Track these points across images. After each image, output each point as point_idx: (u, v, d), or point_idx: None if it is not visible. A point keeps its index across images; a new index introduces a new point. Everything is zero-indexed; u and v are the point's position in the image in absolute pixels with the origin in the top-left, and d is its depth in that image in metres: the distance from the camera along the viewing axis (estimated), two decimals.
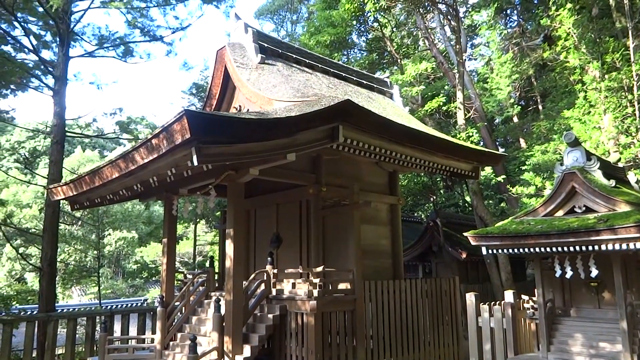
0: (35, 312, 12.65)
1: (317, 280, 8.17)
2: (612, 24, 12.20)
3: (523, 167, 14.82)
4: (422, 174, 17.81)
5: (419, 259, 17.81)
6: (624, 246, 5.81)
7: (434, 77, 22.80)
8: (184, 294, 10.05)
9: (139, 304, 19.32)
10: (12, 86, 14.42)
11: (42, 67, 14.44)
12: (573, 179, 6.85)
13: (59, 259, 19.40)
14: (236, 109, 10.37)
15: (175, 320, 9.77)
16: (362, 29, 23.77)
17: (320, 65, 11.70)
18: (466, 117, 16.59)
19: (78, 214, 20.74)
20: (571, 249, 6.29)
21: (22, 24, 14.02)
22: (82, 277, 23.26)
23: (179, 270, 20.76)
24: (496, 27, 18.41)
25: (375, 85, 13.15)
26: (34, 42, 14.44)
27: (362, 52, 25.52)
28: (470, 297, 8.52)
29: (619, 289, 6.48)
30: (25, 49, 14.41)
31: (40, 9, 13.80)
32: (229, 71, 10.24)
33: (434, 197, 19.80)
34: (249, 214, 11.44)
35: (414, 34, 23.99)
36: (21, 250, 21.88)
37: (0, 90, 14.17)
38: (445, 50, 20.67)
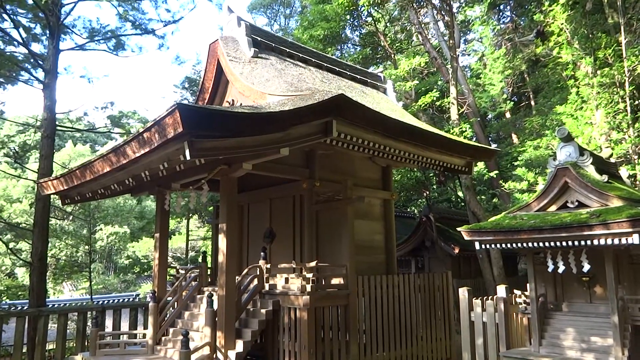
0: (25, 308, 12.53)
1: (310, 275, 8.15)
2: (605, 19, 12.25)
3: (515, 163, 14.88)
4: (416, 169, 17.81)
5: (412, 254, 17.88)
6: (617, 241, 5.84)
7: (428, 72, 22.80)
8: (176, 289, 10.01)
9: (131, 299, 19.23)
10: (1, 79, 14.22)
11: (32, 60, 14.24)
12: (566, 174, 6.88)
13: (49, 254, 19.25)
14: (229, 103, 10.29)
15: (168, 316, 9.73)
16: (356, 23, 23.71)
17: (313, 60, 11.65)
18: (459, 112, 16.61)
19: (69, 209, 20.59)
20: (564, 243, 6.32)
21: (11, 16, 13.80)
22: (74, 272, 23.12)
23: (172, 265, 20.69)
24: (489, 23, 18.42)
25: (368, 80, 13.12)
26: (24, 34, 14.24)
27: (355, 46, 25.47)
28: (462, 292, 8.54)
29: (610, 284, 6.52)
30: (15, 42, 14.19)
31: (30, 1, 13.60)
32: (222, 65, 10.16)
33: (427, 193, 19.82)
34: (242, 208, 11.38)
35: (408, 29, 23.95)
36: (11, 245, 21.69)
37: None
38: (439, 46, 20.66)
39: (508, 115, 20.92)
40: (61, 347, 11.31)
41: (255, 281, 8.95)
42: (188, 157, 6.12)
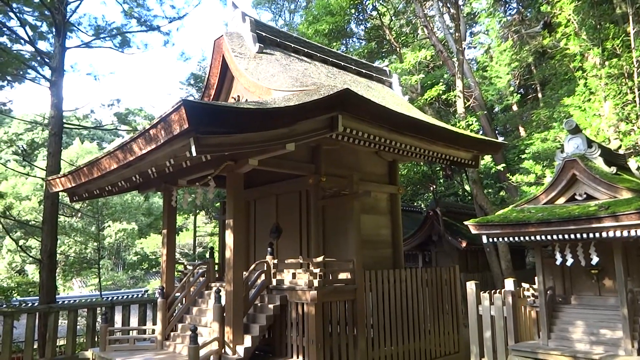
0: (35, 304, 12.65)
1: (317, 270, 8.15)
2: (613, 10, 12.12)
3: (523, 156, 14.79)
4: (422, 163, 17.76)
5: (419, 249, 17.85)
6: (626, 233, 5.79)
7: (433, 65, 22.68)
8: (184, 285, 10.05)
9: (140, 295, 19.37)
10: (8, 77, 14.32)
11: (39, 58, 14.32)
12: (574, 167, 6.82)
13: (59, 251, 19.43)
14: (235, 99, 10.29)
15: (176, 311, 9.78)
16: (361, 17, 23.64)
17: (318, 55, 11.61)
18: (466, 105, 16.53)
19: (77, 206, 20.73)
20: (572, 236, 6.28)
21: (18, 14, 13.88)
22: (83, 268, 23.32)
23: (179, 261, 20.81)
24: (495, 15, 18.30)
25: (374, 74, 13.07)
26: (30, 33, 14.31)
27: (360, 41, 25.39)
28: (470, 286, 8.52)
29: (619, 276, 6.47)
30: (22, 40, 14.29)
31: None
32: (227, 61, 10.15)
33: (434, 187, 19.77)
34: (249, 204, 11.40)
35: (413, 22, 23.83)
36: (21, 242, 21.90)
37: None
38: (445, 39, 20.53)
39: (515, 108, 20.79)
40: (71, 342, 11.42)
41: (263, 277, 8.97)
42: (194, 154, 6.13)
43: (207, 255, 11.04)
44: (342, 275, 8.98)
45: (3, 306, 11.85)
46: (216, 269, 10.78)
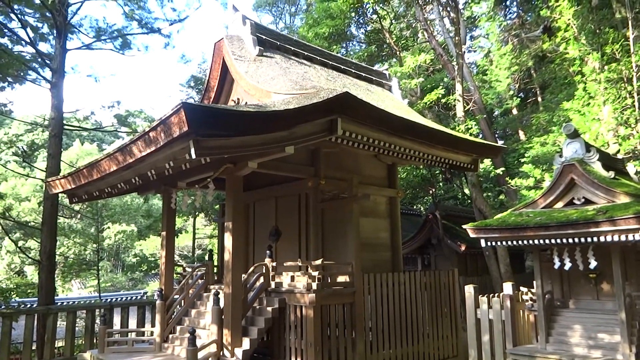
0: (34, 305, 12.64)
1: (316, 273, 8.16)
2: (612, 14, 12.14)
3: (522, 159, 14.79)
4: (421, 167, 17.77)
5: (418, 252, 17.86)
6: (623, 237, 5.80)
7: (433, 69, 22.73)
8: (183, 287, 10.06)
9: (139, 297, 19.35)
10: (9, 79, 14.33)
11: (40, 59, 14.35)
12: (572, 171, 6.84)
13: (58, 252, 19.42)
14: (234, 102, 10.32)
15: (175, 313, 9.78)
16: (361, 21, 23.69)
17: (318, 58, 11.64)
18: (465, 109, 16.54)
19: (77, 207, 20.73)
20: (570, 240, 6.29)
21: (19, 15, 13.91)
22: (82, 270, 23.30)
23: (178, 263, 20.79)
24: (495, 19, 18.34)
25: (374, 78, 13.10)
26: (31, 34, 14.35)
27: (360, 44, 25.44)
28: (469, 289, 8.52)
29: (617, 281, 6.48)
30: (22, 42, 14.32)
31: (37, 1, 13.70)
32: (227, 64, 10.18)
33: (433, 190, 19.78)
34: (248, 207, 11.42)
35: (413, 26, 23.89)
36: (20, 243, 21.88)
37: None
38: (445, 42, 20.58)
39: (515, 111, 20.82)
40: (70, 344, 11.42)
41: (261, 279, 8.98)
42: (193, 156, 6.15)
43: (206, 258, 11.04)
44: (341, 278, 8.99)
45: (2, 307, 11.83)
46: (215, 271, 10.79)
